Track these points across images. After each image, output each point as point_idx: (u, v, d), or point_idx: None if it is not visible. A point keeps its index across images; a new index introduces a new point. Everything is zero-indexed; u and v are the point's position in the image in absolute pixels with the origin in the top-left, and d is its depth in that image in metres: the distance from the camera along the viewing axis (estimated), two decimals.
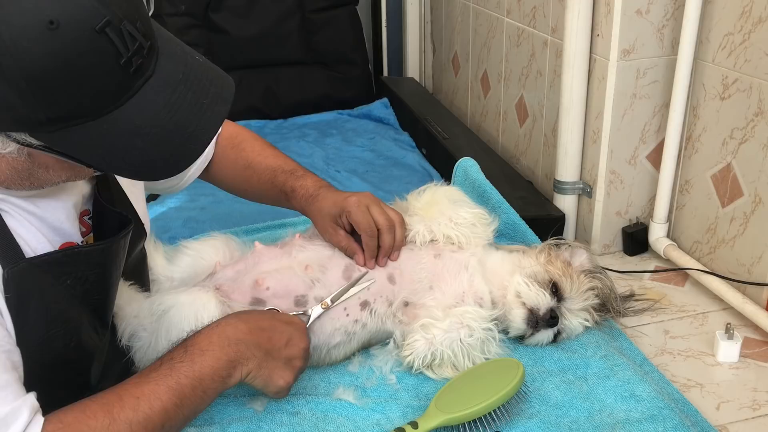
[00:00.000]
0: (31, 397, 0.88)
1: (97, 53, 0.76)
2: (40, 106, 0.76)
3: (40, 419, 0.87)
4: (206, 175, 1.41)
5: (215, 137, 1.34)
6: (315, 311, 1.21)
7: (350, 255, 1.27)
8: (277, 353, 1.08)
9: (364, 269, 1.27)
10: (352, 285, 1.25)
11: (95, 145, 0.81)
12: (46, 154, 0.84)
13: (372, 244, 1.26)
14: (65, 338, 0.97)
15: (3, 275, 0.89)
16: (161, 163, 0.85)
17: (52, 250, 0.97)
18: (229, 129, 1.41)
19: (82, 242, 1.04)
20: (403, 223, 1.29)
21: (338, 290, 1.24)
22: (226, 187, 1.43)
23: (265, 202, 1.40)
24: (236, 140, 1.39)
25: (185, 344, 1.01)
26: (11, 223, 0.93)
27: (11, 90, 0.75)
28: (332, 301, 1.22)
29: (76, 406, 0.90)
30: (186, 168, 0.88)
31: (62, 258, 0.96)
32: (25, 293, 0.91)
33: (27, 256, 0.93)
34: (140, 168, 0.86)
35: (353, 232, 1.28)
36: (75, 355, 1.00)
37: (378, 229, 1.25)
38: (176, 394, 0.95)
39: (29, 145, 0.83)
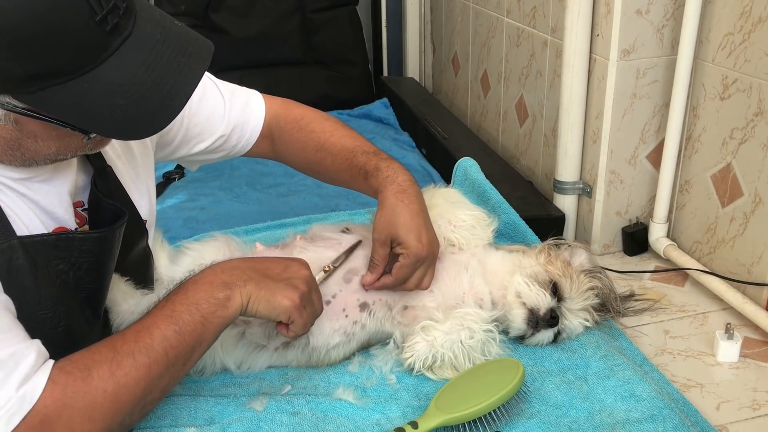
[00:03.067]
0: (38, 342, 0.90)
1: (70, 9, 0.79)
2: (19, 62, 0.79)
3: (50, 361, 0.89)
4: (274, 155, 1.41)
5: (264, 115, 1.38)
6: (318, 278, 1.20)
7: (369, 268, 1.24)
8: (276, 276, 1.07)
9: (356, 238, 1.28)
10: (350, 252, 1.26)
11: (77, 104, 0.83)
12: (32, 119, 0.86)
13: (387, 287, 1.24)
14: (53, 321, 0.99)
15: None
16: (143, 120, 0.87)
17: (44, 231, 0.98)
18: (294, 111, 1.41)
19: (76, 229, 1.05)
20: (426, 287, 1.26)
21: (336, 257, 1.25)
22: (297, 167, 1.42)
23: (336, 183, 1.39)
24: (303, 122, 1.38)
25: (180, 283, 1.04)
26: (4, 199, 0.95)
27: None
28: (333, 266, 1.23)
29: (85, 348, 0.93)
30: (166, 125, 0.89)
31: (56, 242, 0.97)
32: (15, 270, 0.93)
33: (20, 232, 0.94)
34: (123, 126, 0.87)
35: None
36: (63, 340, 1.01)
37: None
38: (173, 321, 0.96)
39: (14, 110, 0.85)
